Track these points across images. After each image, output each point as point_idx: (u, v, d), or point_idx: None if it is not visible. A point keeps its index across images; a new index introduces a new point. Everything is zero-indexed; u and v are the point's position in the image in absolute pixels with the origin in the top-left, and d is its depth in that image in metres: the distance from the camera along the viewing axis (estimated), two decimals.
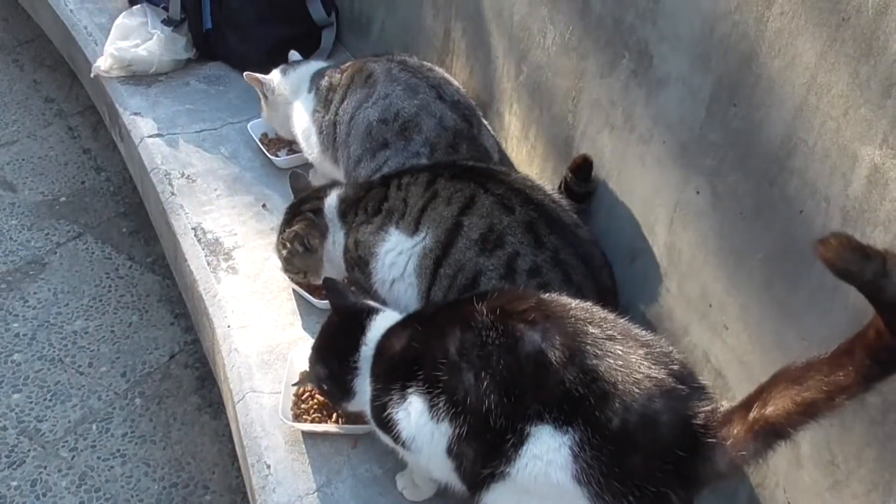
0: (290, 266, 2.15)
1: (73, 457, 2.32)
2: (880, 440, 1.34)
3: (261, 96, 2.65)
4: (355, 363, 1.67)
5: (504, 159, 2.38)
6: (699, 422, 1.33)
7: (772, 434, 1.25)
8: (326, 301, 2.15)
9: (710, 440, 1.31)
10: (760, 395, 1.27)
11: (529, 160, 2.31)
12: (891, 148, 1.26)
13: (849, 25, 1.30)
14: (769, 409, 1.24)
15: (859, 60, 1.29)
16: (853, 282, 1.10)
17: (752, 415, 1.27)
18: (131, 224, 3.09)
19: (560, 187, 2.05)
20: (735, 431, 1.29)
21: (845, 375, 1.16)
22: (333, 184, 2.21)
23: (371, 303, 1.81)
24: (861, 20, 1.28)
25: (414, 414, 1.52)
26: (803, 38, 1.39)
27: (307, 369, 1.83)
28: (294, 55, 2.75)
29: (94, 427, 2.41)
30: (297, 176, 2.27)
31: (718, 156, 1.63)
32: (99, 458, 2.33)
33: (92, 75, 2.99)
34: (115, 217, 3.13)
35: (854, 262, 1.07)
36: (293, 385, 1.87)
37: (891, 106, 1.25)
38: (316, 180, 2.44)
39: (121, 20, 3.04)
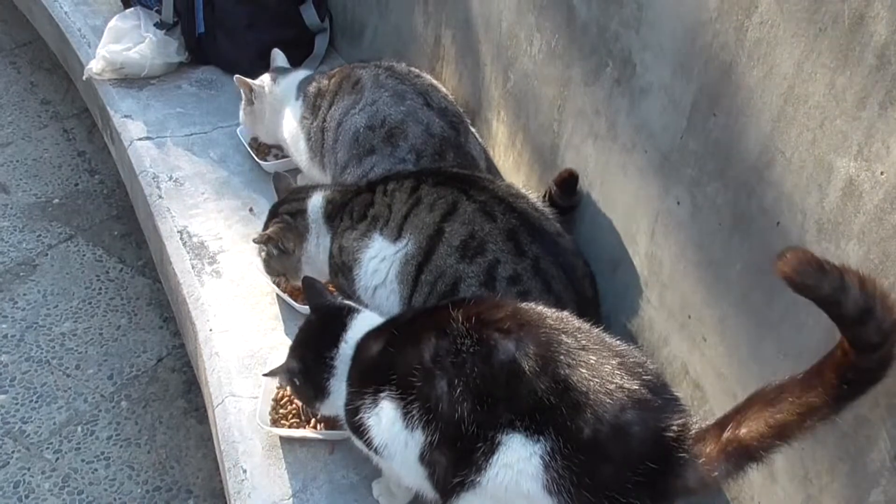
0: (269, 268, 2.16)
1: (58, 459, 2.32)
2: (852, 455, 1.33)
3: (244, 101, 2.65)
4: (332, 361, 1.65)
5: (491, 166, 2.38)
6: (672, 434, 1.33)
7: (744, 456, 1.26)
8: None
9: (682, 455, 1.31)
10: (735, 415, 1.28)
11: (516, 168, 2.31)
12: (865, 160, 1.25)
13: (825, 36, 1.29)
14: (743, 431, 1.25)
15: (835, 71, 1.29)
16: (812, 297, 1.11)
17: (725, 435, 1.27)
18: (123, 227, 3.09)
19: (545, 197, 2.05)
20: (708, 450, 1.29)
21: (816, 397, 1.17)
22: (316, 185, 2.21)
23: (352, 303, 1.80)
24: (837, 31, 1.27)
25: (386, 420, 1.52)
26: (781, 47, 1.38)
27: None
28: (277, 57, 2.74)
29: (79, 429, 2.41)
30: (280, 177, 2.28)
31: (699, 166, 1.62)
32: (83, 460, 2.33)
33: (84, 77, 3.01)
34: (108, 220, 3.14)
35: (811, 277, 1.08)
36: (265, 375, 1.85)
37: (865, 118, 1.24)
38: (302, 182, 2.45)
39: (114, 23, 3.06)
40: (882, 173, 1.23)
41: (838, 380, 1.14)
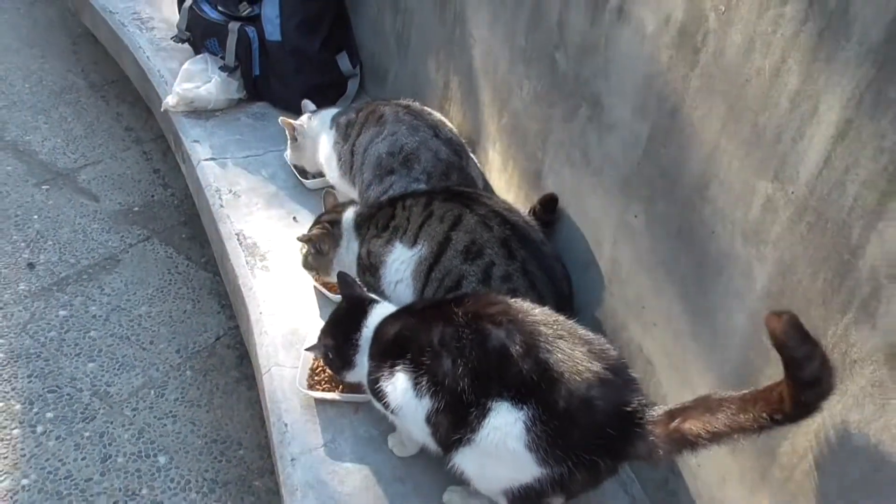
0: (305, 263, 2.18)
1: (135, 415, 2.35)
2: None
3: (289, 138, 2.67)
4: (357, 340, 1.69)
5: (487, 186, 2.40)
6: (629, 409, 1.37)
7: (683, 444, 1.30)
8: (338, 296, 2.18)
9: (636, 429, 1.35)
10: (683, 410, 1.31)
11: (507, 188, 2.33)
12: (780, 182, 1.29)
13: (750, 85, 1.33)
14: (686, 425, 1.28)
15: (758, 113, 1.32)
16: (783, 354, 1.10)
17: (672, 424, 1.31)
18: (190, 231, 3.11)
19: (531, 213, 2.07)
20: (657, 431, 1.33)
21: (746, 420, 1.19)
22: (351, 202, 2.24)
23: (373, 295, 1.84)
24: (760, 81, 1.31)
25: (400, 388, 1.55)
26: (717, 94, 1.41)
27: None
28: (307, 104, 2.75)
29: (152, 392, 2.43)
30: (329, 194, 2.29)
31: (652, 187, 1.64)
32: (155, 417, 2.36)
33: (162, 110, 3.02)
34: (177, 225, 3.15)
35: (793, 341, 1.08)
36: (306, 350, 1.87)
37: (781, 149, 1.28)
38: (339, 197, 2.47)
39: (186, 66, 3.08)
40: (793, 192, 1.27)
41: (768, 415, 1.16)
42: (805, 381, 1.10)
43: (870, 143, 1.11)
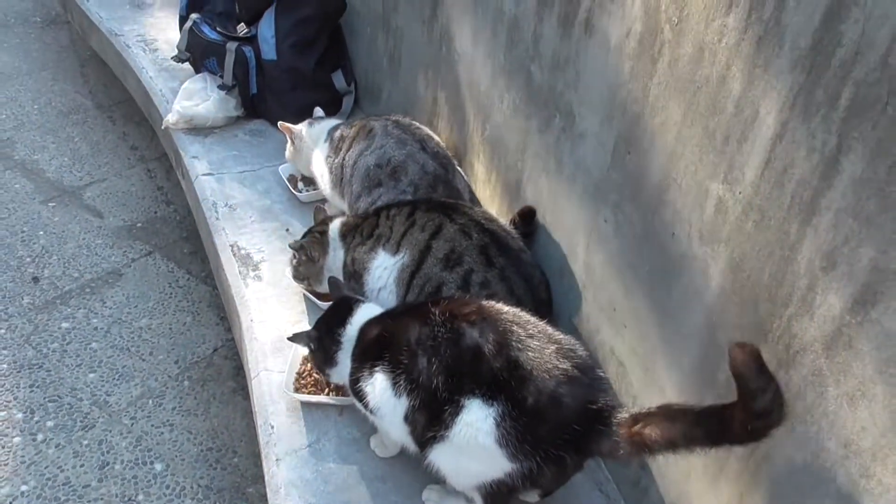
0: (297, 273, 2.22)
1: (133, 424, 2.41)
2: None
3: (289, 142, 2.72)
4: (340, 336, 1.72)
5: (473, 198, 2.45)
6: (595, 407, 1.41)
7: (642, 448, 1.34)
8: (328, 303, 2.24)
9: (601, 427, 1.39)
10: (646, 415, 1.35)
11: (492, 198, 2.38)
12: (729, 184, 1.34)
13: (701, 92, 1.38)
14: (646, 430, 1.32)
15: (708, 118, 1.37)
16: (741, 384, 1.15)
17: (635, 427, 1.35)
18: (191, 246, 3.18)
19: (511, 223, 2.12)
20: (621, 432, 1.37)
21: (700, 433, 1.25)
22: (338, 214, 2.30)
23: (360, 297, 1.88)
24: (709, 88, 1.36)
25: (379, 388, 1.59)
26: (673, 101, 1.46)
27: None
28: (317, 111, 2.82)
29: (150, 402, 2.49)
30: (319, 209, 2.36)
31: (619, 192, 1.69)
32: (153, 425, 2.41)
33: (163, 127, 3.08)
34: (179, 240, 3.22)
35: (751, 371, 1.13)
36: (288, 339, 1.87)
37: (729, 151, 1.33)
38: (330, 210, 2.54)
39: (186, 85, 3.13)
40: (740, 193, 1.32)
41: (719, 432, 1.21)
42: (757, 411, 1.15)
43: (803, 143, 1.17)
